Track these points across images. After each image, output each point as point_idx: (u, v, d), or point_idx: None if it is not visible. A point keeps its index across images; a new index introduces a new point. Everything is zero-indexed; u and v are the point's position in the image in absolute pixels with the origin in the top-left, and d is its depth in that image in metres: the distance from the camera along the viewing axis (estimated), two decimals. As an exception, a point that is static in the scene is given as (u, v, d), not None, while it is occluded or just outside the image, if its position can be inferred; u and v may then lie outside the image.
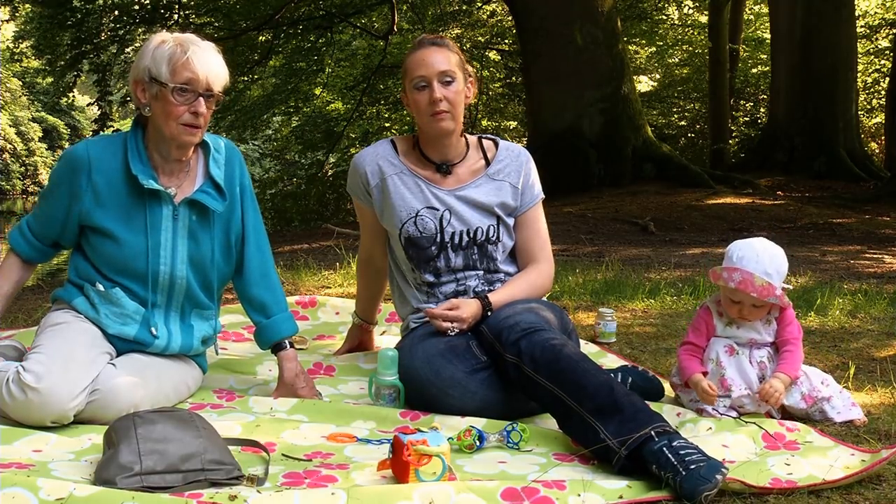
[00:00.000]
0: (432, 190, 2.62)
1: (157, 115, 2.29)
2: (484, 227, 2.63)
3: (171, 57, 2.24)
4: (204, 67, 2.25)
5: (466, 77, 2.60)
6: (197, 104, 2.26)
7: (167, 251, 2.35)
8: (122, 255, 2.32)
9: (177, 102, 2.24)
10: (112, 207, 2.32)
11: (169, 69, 2.23)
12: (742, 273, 2.37)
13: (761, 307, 2.43)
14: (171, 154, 2.35)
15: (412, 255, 2.63)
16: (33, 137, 36.70)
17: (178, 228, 2.36)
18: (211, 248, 2.43)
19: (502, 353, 2.28)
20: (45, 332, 2.28)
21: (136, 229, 2.33)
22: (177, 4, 13.55)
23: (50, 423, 2.10)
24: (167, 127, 2.28)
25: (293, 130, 17.76)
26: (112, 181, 2.31)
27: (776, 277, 2.39)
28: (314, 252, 6.39)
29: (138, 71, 2.29)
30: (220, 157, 2.44)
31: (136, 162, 2.31)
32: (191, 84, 2.24)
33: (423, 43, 2.58)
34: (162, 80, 2.24)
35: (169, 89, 2.23)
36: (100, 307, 2.33)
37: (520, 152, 2.72)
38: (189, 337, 2.44)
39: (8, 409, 2.11)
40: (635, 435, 1.93)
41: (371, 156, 2.66)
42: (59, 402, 2.08)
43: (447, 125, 2.55)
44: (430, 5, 15.49)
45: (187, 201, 2.36)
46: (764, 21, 18.43)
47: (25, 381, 2.07)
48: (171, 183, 2.37)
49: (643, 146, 11.15)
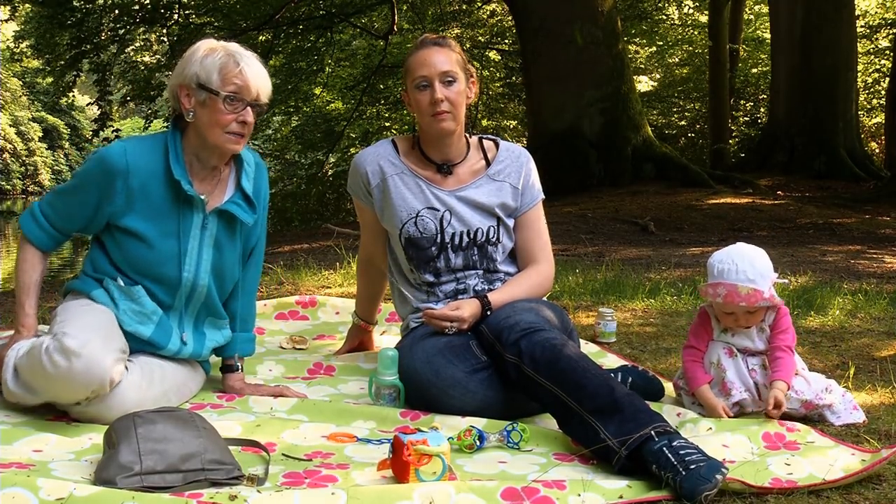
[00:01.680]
0: (433, 190, 2.62)
1: (202, 122, 2.29)
2: (484, 227, 2.63)
3: (224, 66, 2.26)
4: (255, 78, 2.28)
5: (468, 77, 2.60)
6: (245, 113, 2.28)
7: (192, 259, 2.37)
8: (150, 259, 2.32)
9: (226, 111, 2.26)
10: (145, 210, 2.31)
11: (220, 77, 2.26)
12: (725, 286, 2.36)
13: (756, 312, 2.42)
14: (211, 161, 2.36)
15: (412, 255, 2.63)
16: (33, 137, 36.72)
17: (205, 237, 2.38)
18: (233, 259, 2.46)
19: (502, 353, 2.28)
20: (70, 310, 2.25)
21: (168, 233, 2.33)
22: (177, 4, 13.55)
23: (90, 392, 2.08)
24: (212, 134, 2.29)
25: (293, 130, 17.77)
26: (149, 184, 2.30)
27: (761, 281, 2.36)
28: (314, 252, 6.39)
29: (185, 77, 2.29)
30: (251, 170, 2.46)
31: (177, 166, 2.31)
32: (241, 93, 2.26)
33: (425, 43, 2.58)
34: (213, 87, 2.25)
35: (220, 97, 2.25)
36: (119, 302, 2.32)
37: (520, 153, 2.72)
38: (200, 345, 2.46)
39: (48, 382, 2.07)
40: (635, 435, 1.93)
41: (372, 156, 2.66)
42: (103, 368, 2.06)
43: (448, 125, 2.54)
44: (430, 5, 15.49)
45: (217, 211, 2.38)
46: (764, 21, 18.43)
47: (68, 346, 2.03)
48: (202, 190, 2.37)
49: (643, 146, 11.14)
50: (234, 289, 2.55)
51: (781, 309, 2.46)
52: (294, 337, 3.22)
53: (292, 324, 3.43)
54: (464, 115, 2.60)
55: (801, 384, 2.42)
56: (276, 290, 4.24)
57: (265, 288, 4.25)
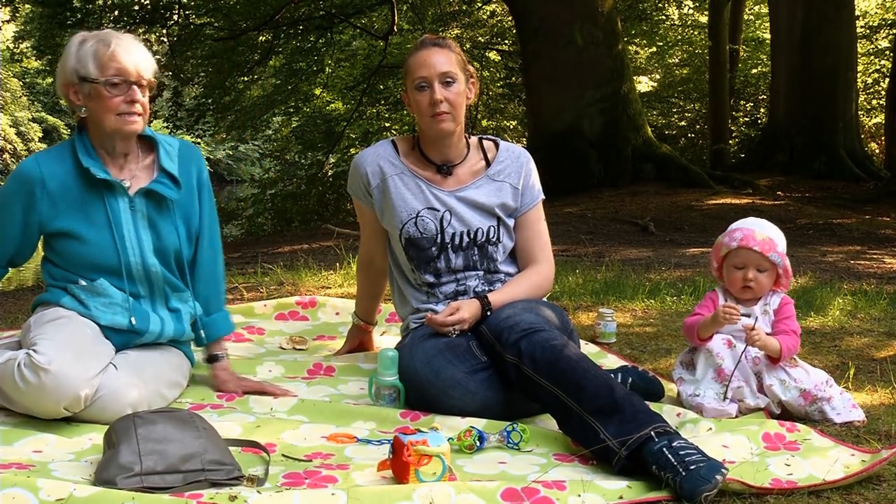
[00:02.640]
0: (433, 191, 2.62)
1: (94, 113, 2.32)
2: (484, 227, 2.63)
3: (96, 53, 2.28)
4: (129, 57, 2.29)
5: (468, 78, 2.60)
6: (131, 93, 2.30)
7: (133, 243, 2.38)
8: (91, 253, 2.34)
9: (111, 95, 2.28)
10: (70, 209, 2.34)
11: (96, 65, 2.27)
12: (742, 231, 2.50)
13: (765, 273, 2.47)
14: (117, 147, 2.38)
15: (412, 255, 2.63)
16: (33, 138, 36.69)
17: (137, 220, 2.39)
18: (176, 238, 2.46)
19: (502, 354, 2.28)
20: (46, 325, 2.26)
21: (99, 225, 2.35)
22: (177, 4, 13.55)
23: (63, 409, 2.08)
24: (107, 121, 2.31)
25: (293, 131, 17.75)
26: (66, 183, 2.34)
27: (777, 238, 2.49)
28: (314, 252, 6.39)
29: (66, 74, 2.32)
30: (171, 149, 2.48)
31: (86, 157, 2.34)
32: (121, 75, 2.28)
33: (425, 43, 2.58)
34: (91, 76, 2.27)
35: (101, 84, 2.27)
36: (88, 301, 2.34)
37: (520, 153, 2.72)
38: (180, 321, 2.47)
39: (20, 396, 2.09)
40: (635, 435, 1.93)
41: (372, 156, 2.66)
42: (74, 384, 2.07)
43: (447, 126, 2.55)
44: (430, 5, 15.48)
45: (143, 192, 2.39)
46: (764, 21, 18.42)
47: (38, 363, 2.05)
48: (122, 176, 2.39)
49: (643, 146, 11.14)
50: (194, 272, 2.55)
51: (785, 297, 2.54)
52: (294, 337, 3.22)
53: (292, 324, 3.43)
54: (463, 116, 2.60)
55: (800, 374, 2.45)
56: (276, 290, 4.24)
57: (265, 288, 4.25)
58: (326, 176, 16.46)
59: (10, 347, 2.36)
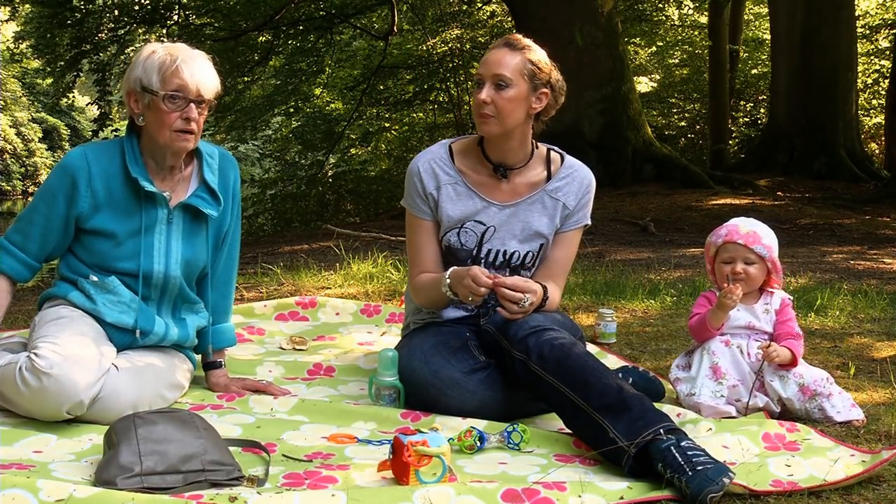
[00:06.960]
0: (484, 203, 2.54)
1: (150, 124, 2.33)
2: (521, 252, 2.56)
3: (161, 66, 2.29)
4: (194, 75, 2.29)
5: (535, 87, 2.44)
6: (188, 110, 2.30)
7: (160, 252, 2.39)
8: (117, 254, 2.35)
9: (168, 109, 2.28)
10: (110, 210, 2.35)
11: (159, 78, 2.28)
12: (727, 227, 2.57)
13: (754, 266, 2.50)
14: (166, 161, 2.39)
15: (448, 260, 2.56)
16: (33, 138, 36.68)
17: (171, 231, 2.41)
18: (206, 252, 2.48)
19: (509, 350, 2.27)
20: (49, 324, 2.26)
21: (133, 229, 2.36)
22: (177, 4, 13.56)
23: (66, 412, 2.09)
24: (161, 135, 2.32)
25: (293, 131, 17.74)
26: (110, 185, 2.35)
27: (763, 233, 2.53)
28: (314, 252, 6.39)
29: (130, 82, 2.33)
30: (213, 162, 2.48)
31: (134, 165, 2.35)
32: (181, 91, 2.28)
33: (500, 41, 2.48)
34: (153, 89, 2.28)
35: (160, 97, 2.28)
36: (96, 296, 2.34)
37: (584, 175, 2.61)
38: (185, 328, 2.48)
39: (23, 400, 2.09)
40: (645, 433, 1.93)
41: (426, 162, 2.55)
42: (76, 388, 2.07)
43: (490, 129, 2.44)
44: (430, 6, 15.48)
45: (181, 205, 2.41)
46: (764, 21, 18.43)
47: (39, 367, 2.05)
48: (164, 188, 2.40)
49: (643, 147, 11.15)
50: (207, 280, 2.55)
51: (785, 298, 2.57)
52: (294, 338, 3.22)
53: (292, 324, 3.43)
54: (518, 123, 2.45)
55: (799, 369, 2.47)
56: (276, 290, 4.24)
57: (265, 288, 4.25)
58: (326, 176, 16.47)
59: (9, 349, 2.36)
